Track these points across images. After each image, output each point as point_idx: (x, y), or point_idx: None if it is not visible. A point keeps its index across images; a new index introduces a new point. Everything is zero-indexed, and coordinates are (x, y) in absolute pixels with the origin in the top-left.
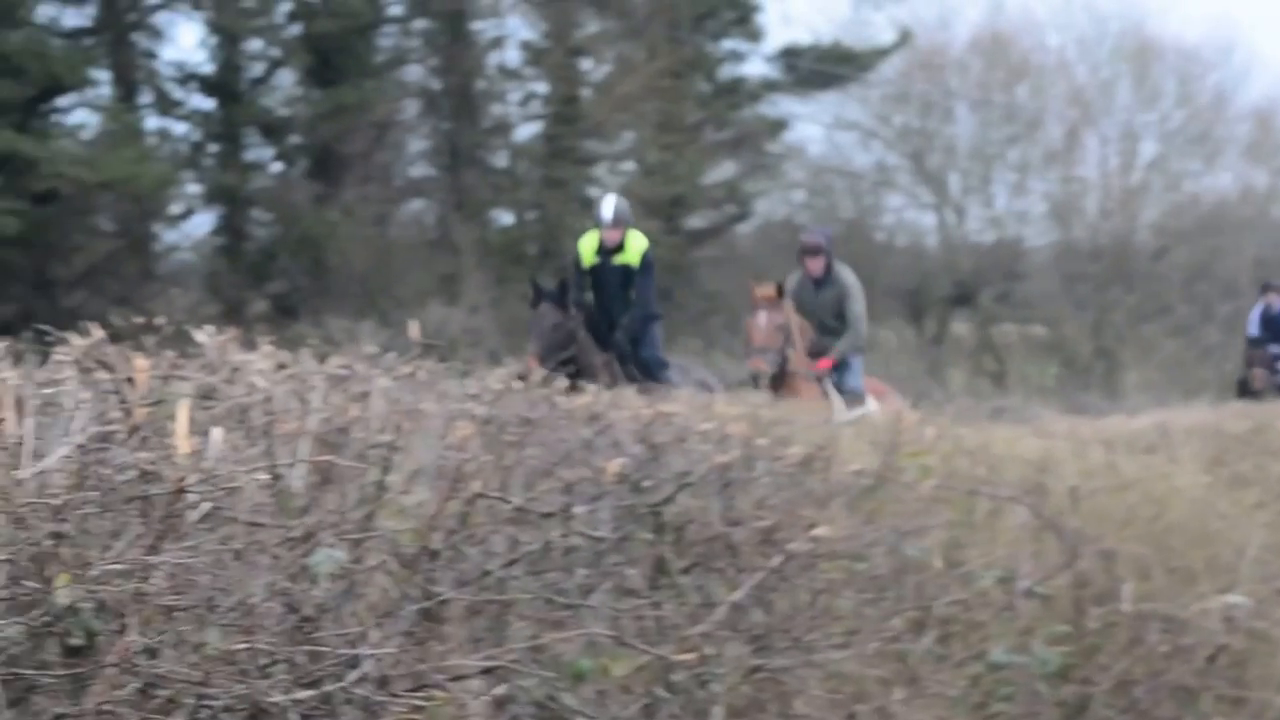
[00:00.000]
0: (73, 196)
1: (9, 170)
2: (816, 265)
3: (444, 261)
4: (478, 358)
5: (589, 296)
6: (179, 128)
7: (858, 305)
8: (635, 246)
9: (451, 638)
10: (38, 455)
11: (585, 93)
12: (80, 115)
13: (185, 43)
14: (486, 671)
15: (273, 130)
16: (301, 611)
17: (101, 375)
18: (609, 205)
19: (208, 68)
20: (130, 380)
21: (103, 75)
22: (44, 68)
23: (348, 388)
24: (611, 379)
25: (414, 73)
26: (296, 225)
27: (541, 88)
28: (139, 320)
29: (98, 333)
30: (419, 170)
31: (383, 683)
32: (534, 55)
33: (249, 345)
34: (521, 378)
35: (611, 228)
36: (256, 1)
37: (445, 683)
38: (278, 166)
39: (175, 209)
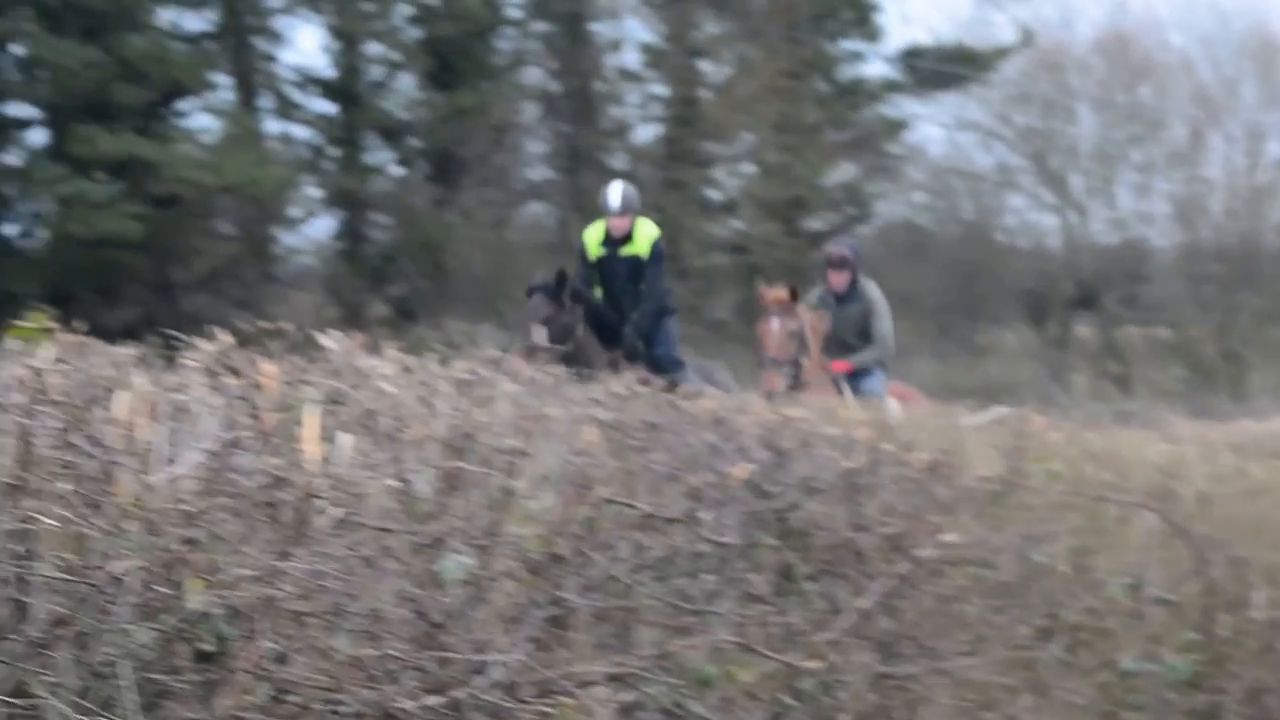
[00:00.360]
0: (194, 200)
1: (131, 174)
2: (840, 280)
3: (563, 264)
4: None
5: (597, 291)
6: (299, 131)
7: (884, 324)
8: (645, 235)
9: (578, 644)
10: (169, 461)
11: (704, 94)
12: (201, 119)
13: (305, 46)
14: (613, 678)
15: (392, 134)
16: (430, 618)
17: (230, 381)
18: (615, 192)
19: (328, 71)
20: (258, 386)
21: (224, 79)
22: (165, 72)
23: (473, 392)
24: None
25: (533, 75)
26: (416, 228)
27: (660, 90)
28: (264, 325)
29: (225, 338)
30: (538, 173)
31: (510, 689)
32: (653, 57)
33: (373, 350)
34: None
35: (618, 216)
36: (377, 5)
37: (572, 689)
38: (397, 170)
39: (295, 213)
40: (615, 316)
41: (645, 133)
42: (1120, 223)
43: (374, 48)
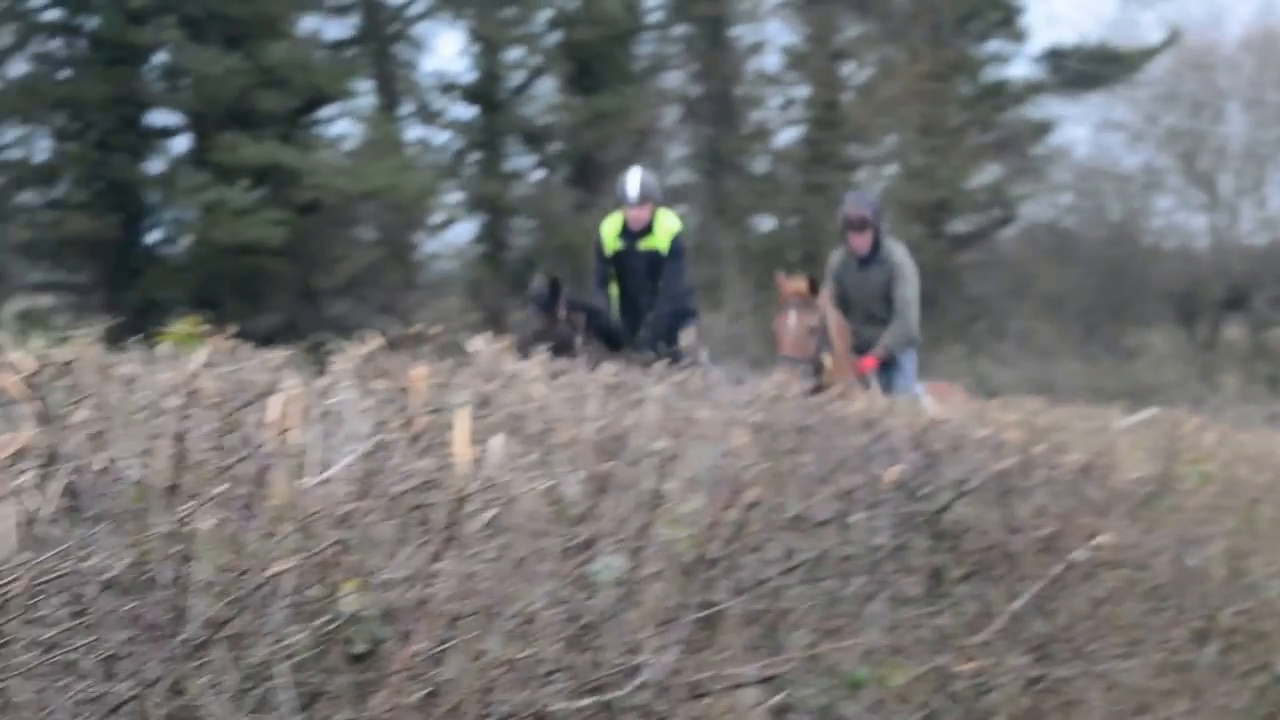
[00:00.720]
0: (335, 207)
1: (274, 181)
2: (862, 241)
3: (705, 268)
4: (740, 365)
5: (613, 289)
6: (440, 137)
7: (908, 288)
8: (665, 228)
9: (729, 646)
10: (322, 464)
11: (846, 97)
12: (343, 126)
13: (446, 52)
14: (764, 680)
15: (533, 138)
16: (582, 619)
17: (379, 384)
18: (633, 180)
19: (468, 77)
20: (408, 389)
21: (365, 86)
22: (307, 79)
23: (622, 395)
24: None
25: (674, 79)
26: (556, 232)
27: (802, 92)
28: (411, 329)
29: (375, 342)
30: (679, 176)
31: (662, 691)
32: (794, 60)
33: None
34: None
35: (637, 206)
36: (517, 10)
37: (724, 691)
38: (538, 174)
39: (436, 218)
40: (627, 322)
41: (787, 136)
42: (1270, 223)
43: (514, 52)
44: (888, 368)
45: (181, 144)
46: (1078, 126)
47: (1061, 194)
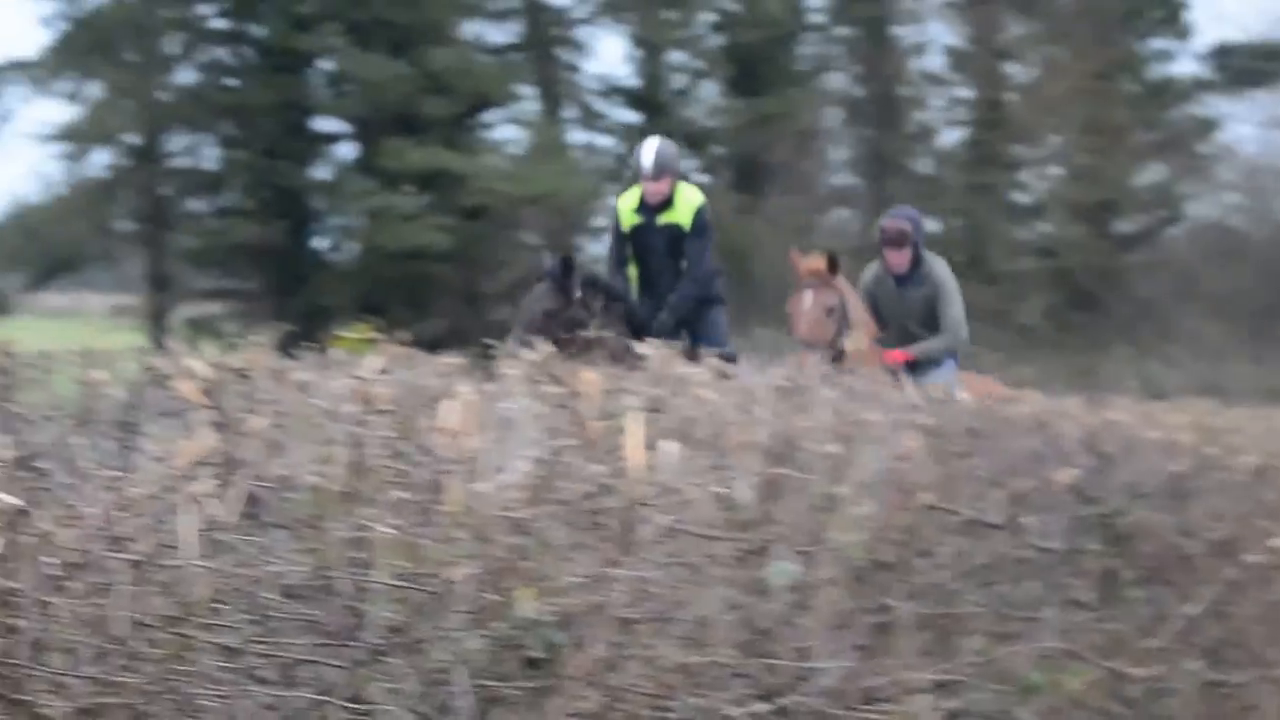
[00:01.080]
0: (500, 211)
1: (439, 186)
2: (900, 259)
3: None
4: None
5: (631, 270)
6: (603, 141)
7: (956, 308)
8: (686, 202)
9: (902, 651)
10: (497, 469)
11: (1010, 97)
12: (507, 130)
13: (609, 57)
14: (938, 685)
15: (696, 141)
16: (756, 624)
17: (552, 389)
18: (649, 150)
19: (631, 80)
20: (580, 394)
21: (528, 90)
22: (471, 84)
23: (792, 399)
24: None
25: (836, 80)
26: (720, 235)
27: (965, 92)
28: (583, 335)
29: (545, 347)
30: (842, 178)
31: (837, 696)
32: (957, 60)
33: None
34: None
35: (653, 179)
36: (679, 13)
37: (897, 696)
38: (701, 177)
39: (600, 222)
40: (653, 299)
41: (950, 136)
42: None
43: (677, 56)
44: (921, 365)
45: (347, 150)
46: (1244, 124)
47: (1228, 193)
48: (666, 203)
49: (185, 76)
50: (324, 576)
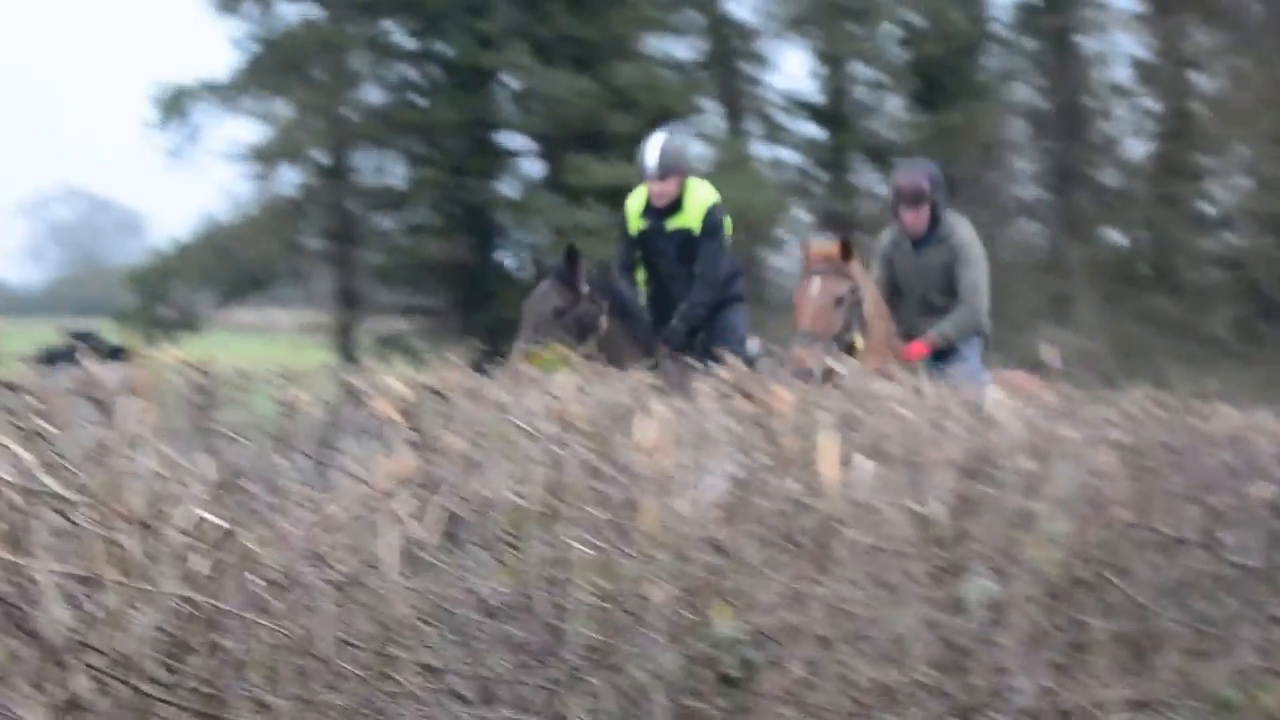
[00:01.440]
0: None
1: (623, 202)
2: (917, 219)
3: (1054, 282)
4: (1090, 381)
5: (640, 275)
6: (787, 155)
7: (974, 272)
8: (697, 203)
9: (1098, 669)
10: (692, 487)
11: (1197, 107)
12: (691, 146)
13: (793, 71)
14: (1135, 703)
15: (880, 155)
16: (953, 642)
17: (745, 407)
18: (653, 148)
19: (815, 95)
20: (773, 411)
21: (712, 105)
22: (655, 99)
23: (985, 414)
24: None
25: (1021, 92)
26: None
27: (1151, 103)
28: (771, 349)
29: (737, 364)
30: (1027, 191)
31: (1033, 714)
32: (1143, 71)
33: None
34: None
35: (659, 179)
36: (863, 28)
37: (1093, 714)
38: (885, 191)
39: (785, 236)
40: (657, 314)
41: (1136, 147)
42: None
43: (861, 69)
44: (943, 356)
45: (533, 166)
46: None
47: None
48: (676, 205)
49: (373, 95)
50: (523, 595)
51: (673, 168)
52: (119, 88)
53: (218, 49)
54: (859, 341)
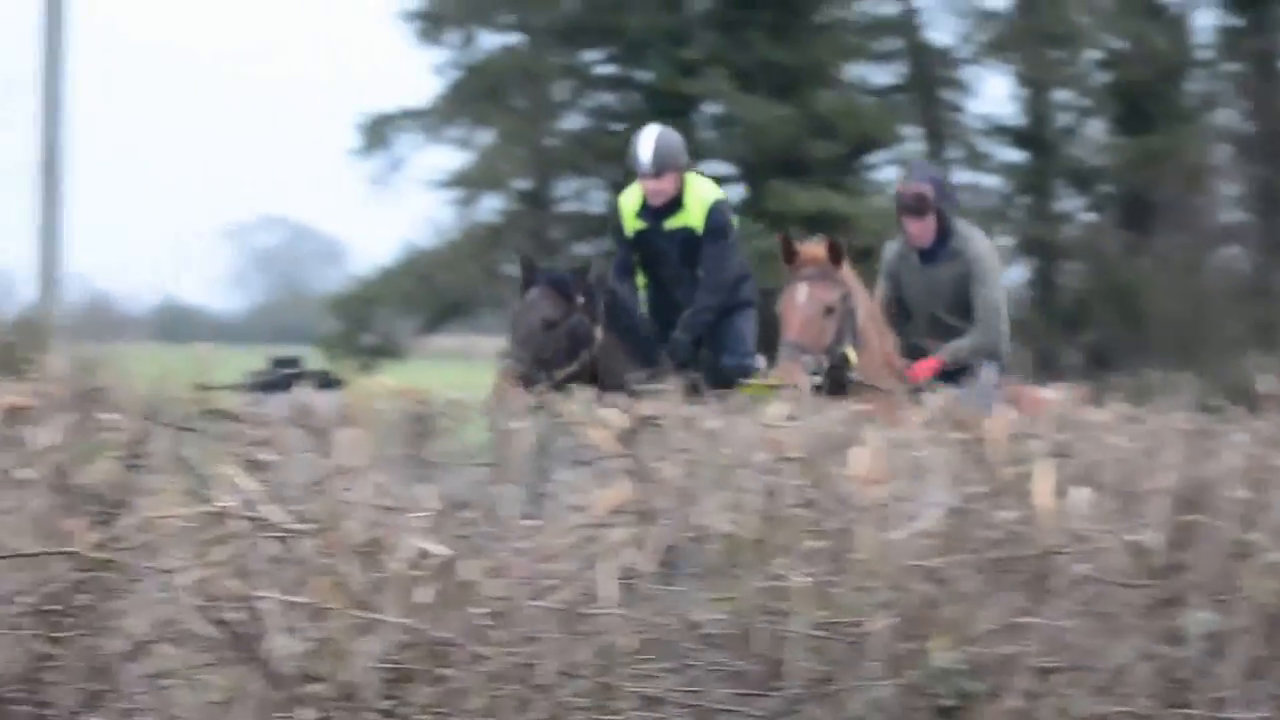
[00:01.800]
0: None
1: (824, 228)
2: (923, 229)
3: (1260, 309)
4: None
5: (639, 281)
6: (988, 181)
7: (992, 289)
8: (698, 200)
9: None
10: (908, 517)
11: None
12: (891, 171)
13: (993, 95)
14: None
15: (1082, 180)
16: (1171, 674)
17: (957, 435)
18: (648, 142)
19: (1016, 119)
20: (986, 440)
21: (912, 131)
22: (855, 125)
23: (1202, 443)
24: None
25: (1225, 116)
26: (1108, 275)
27: None
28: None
29: (945, 393)
30: (1231, 216)
31: None
32: None
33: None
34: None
35: (654, 176)
36: (1065, 52)
37: None
38: (1088, 216)
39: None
40: (664, 314)
41: None
42: None
43: (1062, 94)
44: (952, 377)
45: (735, 193)
46: None
47: None
48: (675, 203)
49: (573, 122)
50: (741, 625)
51: (669, 163)
52: (321, 116)
53: (419, 78)
54: (852, 355)
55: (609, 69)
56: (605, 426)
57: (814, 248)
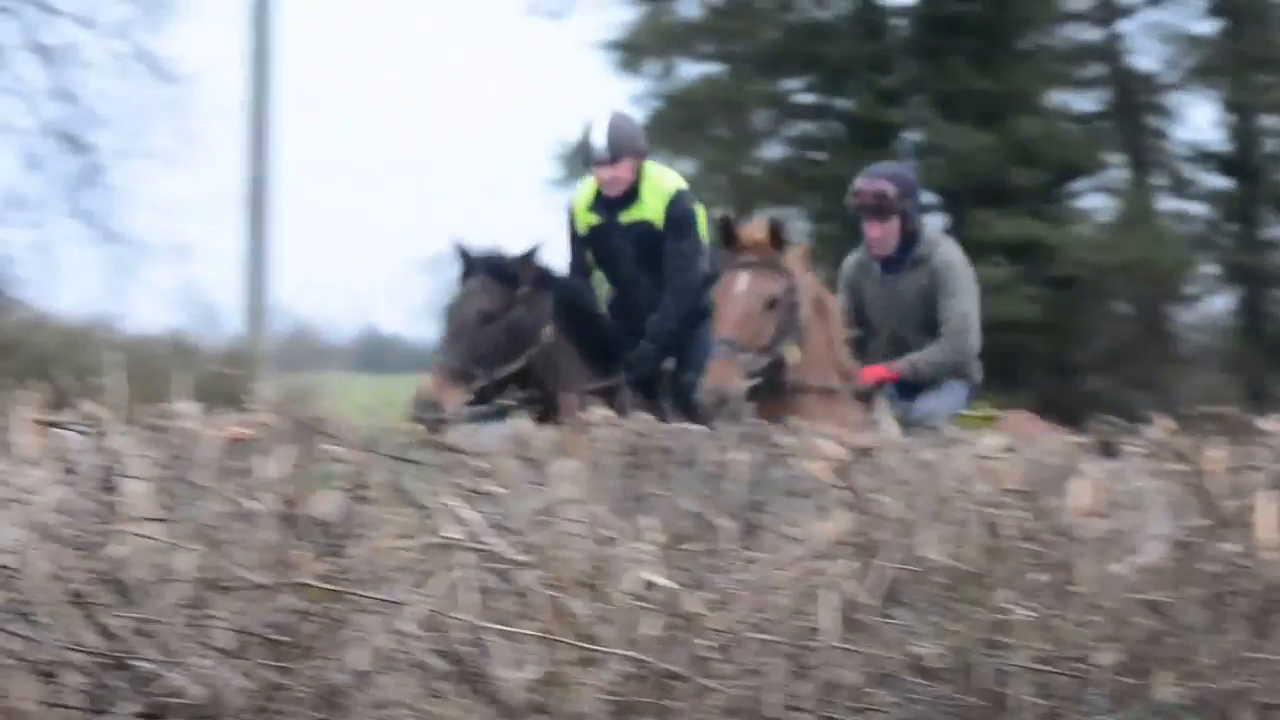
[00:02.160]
0: (1090, 281)
1: (1028, 257)
2: (885, 234)
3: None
4: None
5: (598, 278)
6: (1193, 208)
7: (962, 302)
8: (656, 191)
9: None
10: (1131, 550)
11: None
12: (1095, 199)
13: (1199, 122)
14: None
15: None
16: None
17: (1176, 467)
18: (600, 128)
19: (1222, 146)
20: (1206, 472)
21: (1116, 158)
22: (1059, 153)
23: None
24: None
25: None
26: None
27: None
28: (1201, 409)
29: (1168, 423)
30: None
31: None
32: None
33: None
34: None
35: (609, 163)
36: (1274, 76)
37: None
38: None
39: (1192, 290)
40: (623, 318)
41: None
42: None
43: (1270, 119)
44: (915, 392)
45: (938, 220)
46: None
47: None
48: (631, 194)
49: (773, 151)
50: (963, 659)
51: (626, 148)
52: (519, 147)
53: (619, 108)
54: (792, 354)
55: (809, 97)
56: (823, 457)
57: (755, 230)
